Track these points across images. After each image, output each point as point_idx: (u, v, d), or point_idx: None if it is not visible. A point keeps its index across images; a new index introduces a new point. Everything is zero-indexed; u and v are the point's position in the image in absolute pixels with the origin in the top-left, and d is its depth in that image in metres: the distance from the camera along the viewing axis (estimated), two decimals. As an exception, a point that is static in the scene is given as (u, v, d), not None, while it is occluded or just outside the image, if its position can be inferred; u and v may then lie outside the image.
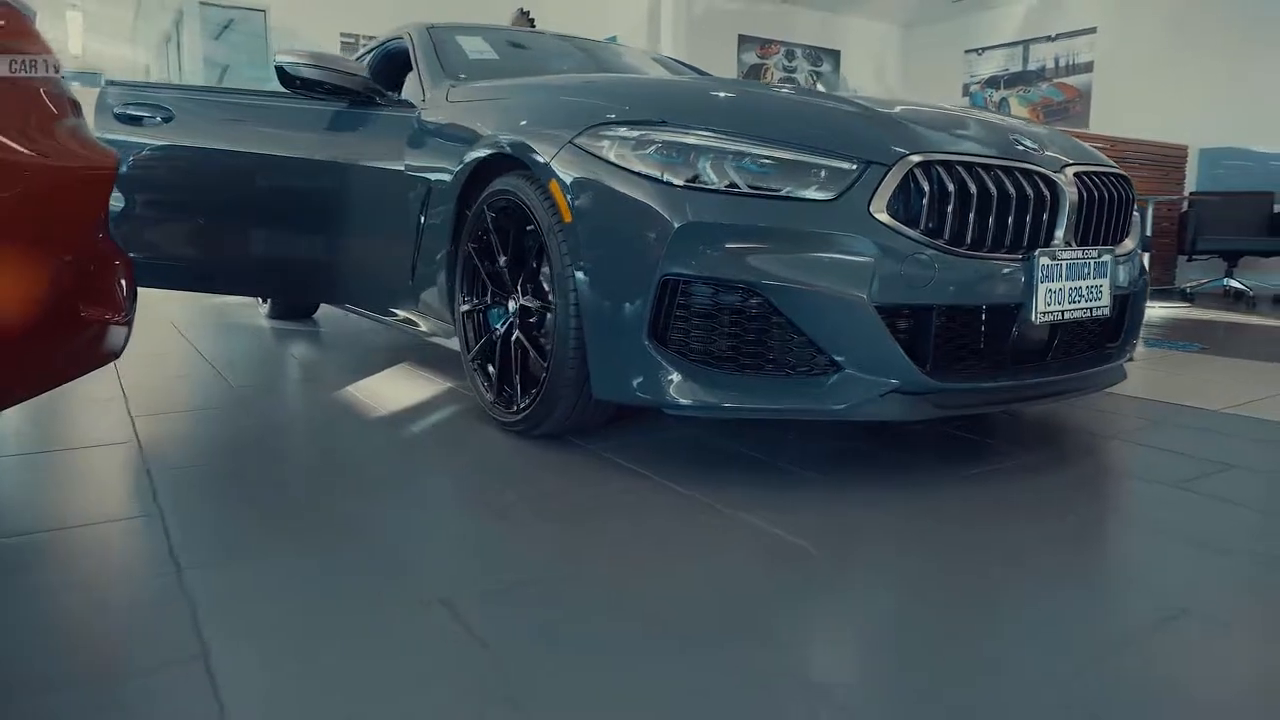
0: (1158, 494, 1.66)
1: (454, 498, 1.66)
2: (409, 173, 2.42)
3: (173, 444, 1.91)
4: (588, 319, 1.72)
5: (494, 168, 2.06)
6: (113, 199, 1.43)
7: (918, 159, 1.59)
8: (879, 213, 1.56)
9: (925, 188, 1.59)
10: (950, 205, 1.61)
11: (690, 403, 1.62)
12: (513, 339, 1.98)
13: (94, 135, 1.41)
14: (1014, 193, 1.67)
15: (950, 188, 1.61)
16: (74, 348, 1.39)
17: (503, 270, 2.02)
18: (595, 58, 3.13)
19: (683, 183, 1.61)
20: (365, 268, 2.70)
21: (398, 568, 1.26)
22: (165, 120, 2.79)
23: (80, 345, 1.39)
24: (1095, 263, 1.77)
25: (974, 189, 1.63)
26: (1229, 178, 6.91)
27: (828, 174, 1.58)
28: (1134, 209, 2.02)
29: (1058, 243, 1.74)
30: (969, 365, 1.73)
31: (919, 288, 1.58)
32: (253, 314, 4.26)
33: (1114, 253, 1.83)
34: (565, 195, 1.75)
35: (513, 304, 2.00)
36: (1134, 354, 2.10)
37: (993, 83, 8.88)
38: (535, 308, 1.93)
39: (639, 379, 1.65)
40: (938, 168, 1.61)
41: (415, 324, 2.52)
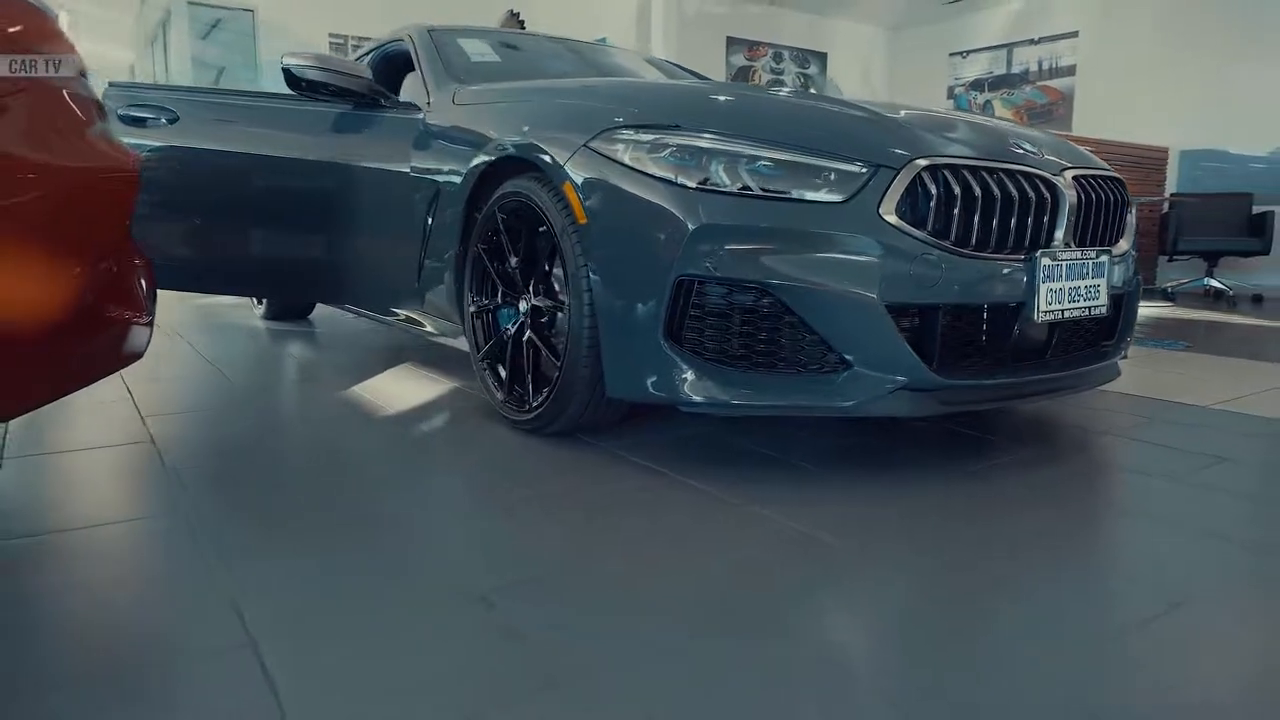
0: (1155, 487, 1.71)
1: (464, 495, 1.68)
2: (415, 175, 2.44)
3: (188, 443, 1.92)
4: (602, 318, 1.75)
5: (504, 170, 2.09)
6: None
7: (925, 162, 1.64)
8: (888, 215, 1.61)
9: (932, 190, 1.64)
10: (956, 207, 1.66)
11: (704, 400, 1.65)
12: (524, 338, 2.00)
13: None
14: (1016, 195, 1.72)
15: (956, 190, 1.65)
16: (100, 349, 1.40)
17: (514, 271, 2.05)
18: (592, 60, 3.16)
19: (696, 185, 1.65)
20: (370, 268, 2.71)
21: (421, 563, 1.29)
22: (170, 122, 2.79)
23: (106, 346, 1.41)
24: (1093, 263, 1.83)
25: (978, 191, 1.67)
26: (1209, 179, 7.05)
27: (838, 177, 1.63)
28: (1128, 210, 2.08)
29: (1058, 244, 1.79)
30: (973, 363, 1.78)
31: (926, 287, 1.63)
32: (246, 315, 4.25)
33: (1110, 253, 1.88)
34: (580, 197, 1.78)
35: (524, 304, 2.02)
36: (1128, 352, 2.16)
37: (977, 85, 8.99)
38: (546, 308, 1.96)
39: (654, 377, 1.68)
40: (944, 171, 1.66)
41: (420, 324, 2.54)
